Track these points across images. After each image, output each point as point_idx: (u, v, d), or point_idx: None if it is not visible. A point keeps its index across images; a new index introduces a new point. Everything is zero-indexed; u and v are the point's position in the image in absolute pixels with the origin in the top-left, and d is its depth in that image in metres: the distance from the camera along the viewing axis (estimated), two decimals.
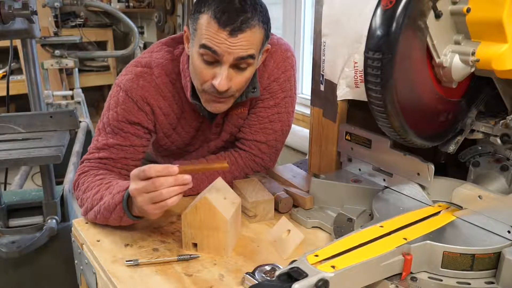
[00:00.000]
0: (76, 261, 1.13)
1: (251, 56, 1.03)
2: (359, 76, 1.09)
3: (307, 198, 1.11)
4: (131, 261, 0.91)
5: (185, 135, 1.24)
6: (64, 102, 3.20)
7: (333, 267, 0.72)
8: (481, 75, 0.86)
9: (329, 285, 0.70)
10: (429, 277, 0.80)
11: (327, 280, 0.69)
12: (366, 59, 0.81)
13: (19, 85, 3.16)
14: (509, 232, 0.82)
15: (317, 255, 0.75)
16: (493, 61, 0.78)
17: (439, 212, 0.93)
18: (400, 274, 0.79)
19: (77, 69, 3.28)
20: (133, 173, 0.91)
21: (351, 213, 1.03)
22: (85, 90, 3.31)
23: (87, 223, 1.08)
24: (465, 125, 0.96)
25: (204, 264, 0.93)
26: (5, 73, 3.60)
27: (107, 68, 4.22)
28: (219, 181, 1.01)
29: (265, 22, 1.04)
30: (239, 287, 0.86)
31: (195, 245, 0.96)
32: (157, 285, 0.86)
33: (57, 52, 3.15)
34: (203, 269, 0.91)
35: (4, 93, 2.10)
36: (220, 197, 0.96)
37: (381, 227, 0.85)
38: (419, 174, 0.98)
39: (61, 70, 3.61)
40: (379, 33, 0.78)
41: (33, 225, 1.60)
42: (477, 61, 0.81)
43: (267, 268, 0.88)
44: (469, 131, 0.96)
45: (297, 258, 0.75)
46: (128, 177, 1.16)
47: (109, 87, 3.80)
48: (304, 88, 2.64)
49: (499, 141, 0.91)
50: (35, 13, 1.54)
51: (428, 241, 0.80)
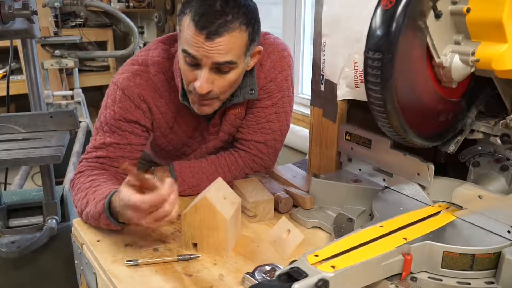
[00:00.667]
0: (76, 261, 1.13)
1: (229, 62, 1.02)
2: (359, 76, 1.09)
3: (307, 198, 1.11)
4: (131, 261, 0.91)
5: (182, 134, 1.24)
6: (64, 102, 3.19)
7: (333, 267, 0.72)
8: (481, 75, 0.86)
9: (329, 285, 0.70)
10: (429, 277, 0.80)
11: (327, 280, 0.69)
12: (366, 59, 0.81)
13: (19, 85, 3.16)
14: (509, 232, 0.82)
15: (317, 255, 0.75)
16: (493, 61, 0.78)
17: (439, 212, 0.93)
18: (400, 274, 0.79)
19: (77, 69, 3.28)
20: (124, 203, 0.88)
21: (351, 213, 1.03)
22: (85, 90, 3.31)
23: (86, 223, 1.08)
24: (465, 125, 0.96)
25: (204, 264, 0.93)
26: (5, 73, 3.60)
27: (107, 68, 4.21)
28: (219, 181, 1.01)
29: (250, 24, 1.02)
30: (239, 287, 0.86)
31: (195, 245, 0.96)
32: (157, 285, 0.86)
33: (57, 52, 3.15)
34: (203, 269, 0.91)
35: (4, 93, 2.11)
36: (220, 197, 0.96)
37: (381, 227, 0.85)
38: (419, 174, 0.98)
39: (61, 70, 3.61)
40: (379, 33, 0.78)
41: (33, 225, 1.60)
42: (477, 61, 0.80)
43: (267, 268, 0.88)
44: (469, 131, 0.96)
45: (297, 258, 0.75)
46: (125, 177, 1.16)
47: None
48: (304, 88, 2.64)
49: (499, 141, 0.91)
50: (35, 13, 1.54)
51: (428, 241, 0.80)
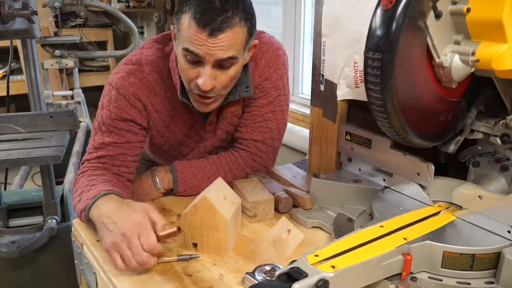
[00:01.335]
0: (76, 261, 1.13)
1: (232, 57, 1.03)
2: (359, 76, 1.09)
3: (307, 198, 1.11)
4: None
5: (179, 133, 1.24)
6: (64, 102, 3.19)
7: (333, 267, 0.72)
8: (481, 75, 0.86)
9: (329, 285, 0.70)
10: (429, 277, 0.80)
11: (327, 280, 0.69)
12: (366, 59, 0.81)
13: (19, 85, 3.15)
14: (509, 232, 0.82)
15: (317, 255, 0.75)
16: (493, 61, 0.78)
17: (439, 212, 0.93)
18: (400, 274, 0.79)
19: (77, 69, 3.28)
20: (138, 221, 0.89)
21: (351, 213, 1.03)
22: (85, 90, 3.31)
23: (82, 221, 1.07)
24: (465, 125, 0.96)
25: (204, 264, 0.93)
26: (5, 73, 3.60)
27: (107, 68, 4.21)
28: (219, 181, 1.01)
29: (248, 19, 1.03)
30: (239, 287, 0.86)
31: (195, 245, 0.96)
32: (157, 285, 0.86)
33: (57, 52, 3.15)
34: (203, 269, 0.91)
35: (4, 93, 2.10)
36: (220, 197, 0.96)
37: (381, 227, 0.85)
38: (419, 174, 0.98)
39: (61, 70, 3.61)
40: (379, 33, 0.78)
41: (33, 225, 1.60)
42: (477, 61, 0.80)
43: (267, 268, 0.88)
44: (469, 131, 0.96)
45: (297, 258, 0.75)
46: (128, 175, 1.16)
47: None
48: (304, 88, 2.64)
49: (499, 141, 0.91)
50: (35, 13, 1.54)
51: (428, 241, 0.80)
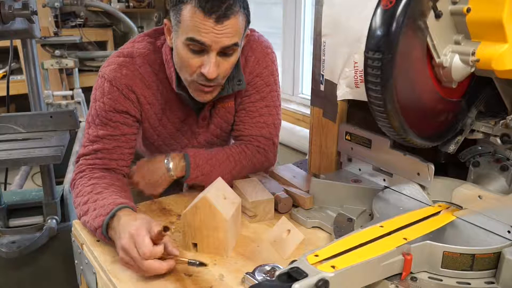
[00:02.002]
0: (76, 261, 1.13)
1: (236, 44, 1.06)
2: (359, 76, 1.09)
3: (307, 198, 1.11)
4: None
5: (171, 127, 1.24)
6: (64, 102, 3.19)
7: (333, 267, 0.72)
8: (481, 75, 0.86)
9: (329, 285, 0.70)
10: (429, 277, 0.80)
11: (327, 280, 0.69)
12: (366, 59, 0.81)
13: (19, 85, 3.15)
14: (509, 232, 0.82)
15: (317, 255, 0.75)
16: (493, 61, 0.78)
17: (439, 212, 0.93)
18: (400, 274, 0.79)
19: (77, 69, 3.28)
20: (134, 235, 0.87)
21: (351, 213, 1.03)
22: (85, 90, 3.31)
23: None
24: (465, 125, 0.96)
25: None
26: (5, 73, 3.60)
27: None
28: (219, 181, 1.01)
29: (246, 7, 1.07)
30: (239, 287, 0.86)
31: (195, 245, 0.96)
32: (157, 285, 0.86)
33: (57, 52, 3.15)
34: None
35: (4, 93, 2.10)
36: (220, 197, 0.96)
37: (381, 227, 0.85)
38: (419, 174, 0.98)
39: (61, 70, 3.61)
40: (379, 33, 0.78)
41: (33, 225, 1.60)
42: (477, 61, 0.81)
43: (267, 268, 0.87)
44: (469, 131, 0.96)
45: (297, 258, 0.75)
46: (125, 168, 1.16)
47: None
48: (304, 88, 2.64)
49: (499, 141, 0.91)
50: (35, 13, 1.54)
51: (428, 241, 0.80)
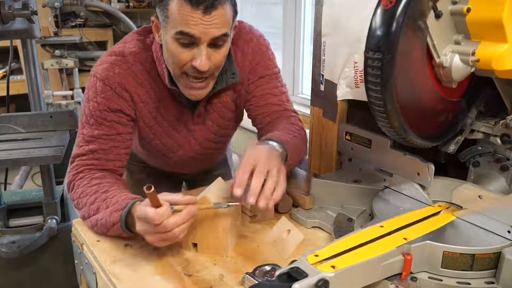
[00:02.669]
0: (76, 261, 1.13)
1: (225, 34, 1.06)
2: (359, 76, 1.09)
3: (307, 198, 1.11)
4: None
5: (166, 125, 1.23)
6: (64, 102, 3.20)
7: (333, 267, 0.72)
8: (481, 75, 0.86)
9: (329, 285, 0.70)
10: (429, 277, 0.80)
11: (327, 280, 0.69)
12: (366, 59, 0.81)
13: (19, 85, 3.16)
14: (509, 232, 0.83)
15: (317, 255, 0.75)
16: (493, 61, 0.78)
17: (439, 212, 0.93)
18: (400, 274, 0.79)
19: (77, 69, 3.28)
20: (139, 215, 0.89)
21: (351, 213, 1.03)
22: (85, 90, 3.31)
23: (91, 229, 1.07)
24: (465, 125, 0.96)
25: (204, 264, 0.93)
26: (5, 73, 3.60)
27: None
28: (219, 181, 1.01)
29: None
30: (239, 287, 0.86)
31: (195, 245, 0.96)
32: (157, 285, 0.86)
33: (57, 52, 3.15)
34: (203, 269, 0.91)
35: (4, 93, 2.11)
36: (220, 197, 0.96)
37: (381, 227, 0.85)
38: (419, 174, 0.98)
39: (61, 70, 3.61)
40: (379, 33, 0.78)
41: (33, 225, 1.60)
42: (477, 61, 0.81)
43: (267, 268, 0.87)
44: (469, 131, 0.96)
45: (297, 258, 0.75)
46: (121, 169, 1.16)
47: None
48: (304, 88, 2.64)
49: (499, 141, 0.91)
50: (35, 13, 1.54)
51: (428, 241, 0.80)
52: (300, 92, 2.63)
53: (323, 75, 1.21)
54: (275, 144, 1.03)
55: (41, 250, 1.59)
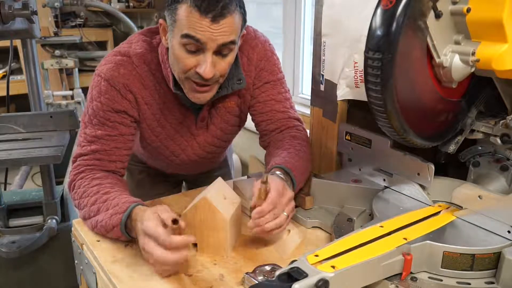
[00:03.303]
0: (76, 261, 1.13)
1: (233, 42, 1.05)
2: (359, 76, 1.09)
3: (307, 198, 1.11)
4: None
5: (169, 128, 1.23)
6: (64, 102, 3.20)
7: (333, 267, 0.72)
8: (481, 75, 0.86)
9: (329, 285, 0.70)
10: (429, 277, 0.80)
11: (327, 280, 0.69)
12: (366, 59, 0.81)
13: (19, 85, 3.15)
14: (509, 232, 0.82)
15: (317, 255, 0.75)
16: (493, 61, 0.78)
17: (439, 212, 0.93)
18: (400, 274, 0.79)
19: (77, 69, 3.28)
20: (146, 230, 0.88)
21: (351, 213, 1.03)
22: (85, 90, 3.28)
23: (92, 230, 1.07)
24: (465, 125, 0.96)
25: (204, 264, 0.93)
26: (5, 73, 3.60)
27: None
28: (219, 181, 1.01)
29: (242, 7, 1.06)
30: (239, 287, 0.86)
31: (195, 245, 0.96)
32: (157, 285, 0.86)
33: (57, 52, 3.15)
34: (203, 269, 0.91)
35: (4, 93, 2.10)
36: (220, 197, 0.96)
37: (381, 227, 0.85)
38: (419, 174, 0.98)
39: (61, 70, 3.61)
40: (379, 33, 0.78)
41: (33, 225, 1.60)
42: (477, 61, 0.81)
43: (267, 268, 0.87)
44: (469, 131, 0.96)
45: (297, 258, 0.75)
46: (122, 170, 1.16)
47: None
48: (304, 88, 2.64)
49: (499, 141, 0.91)
50: (35, 13, 1.54)
51: (428, 241, 0.80)
52: (300, 92, 2.63)
53: (323, 75, 1.21)
54: (283, 177, 1.05)
55: (41, 250, 1.59)
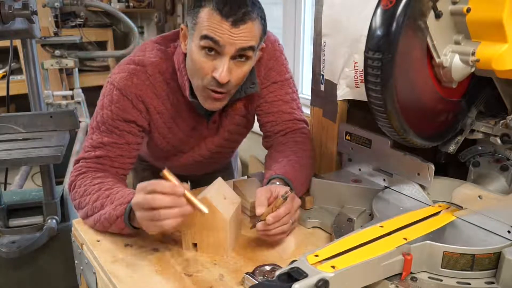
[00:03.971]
0: (76, 261, 1.13)
1: (252, 47, 1.04)
2: (359, 76, 1.09)
3: (307, 198, 1.11)
4: None
5: (181, 134, 1.24)
6: (64, 102, 3.20)
7: (333, 267, 0.72)
8: (481, 75, 0.86)
9: (329, 285, 0.70)
10: (429, 277, 0.80)
11: (327, 280, 0.69)
12: (366, 59, 0.81)
13: (19, 85, 3.15)
14: (509, 232, 0.82)
15: (317, 255, 0.75)
16: (493, 61, 0.78)
17: (439, 212, 0.93)
18: (400, 274, 0.79)
19: (77, 69, 3.28)
20: (140, 185, 0.90)
21: (351, 213, 1.03)
22: (85, 90, 3.31)
23: (92, 227, 1.07)
24: (465, 125, 0.96)
25: (204, 264, 0.93)
26: (5, 73, 3.60)
27: (107, 68, 4.21)
28: (219, 181, 1.01)
29: (263, 18, 1.06)
30: (239, 287, 0.86)
31: (195, 245, 0.96)
32: (157, 285, 0.86)
33: (57, 52, 3.15)
34: (203, 269, 0.91)
35: (4, 93, 2.10)
36: (220, 197, 0.96)
37: (381, 227, 0.85)
38: (419, 174, 0.98)
39: (61, 70, 3.61)
40: (379, 33, 0.78)
41: (33, 225, 1.60)
42: (477, 61, 0.81)
43: (267, 268, 0.87)
44: (469, 131, 0.96)
45: (297, 258, 0.75)
46: (124, 177, 1.16)
47: None
48: (304, 88, 2.64)
49: (499, 141, 0.91)
50: (35, 13, 1.54)
51: (428, 241, 0.80)
52: (300, 92, 2.63)
53: (323, 75, 1.21)
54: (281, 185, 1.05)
55: (41, 250, 1.59)
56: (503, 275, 0.77)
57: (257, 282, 0.82)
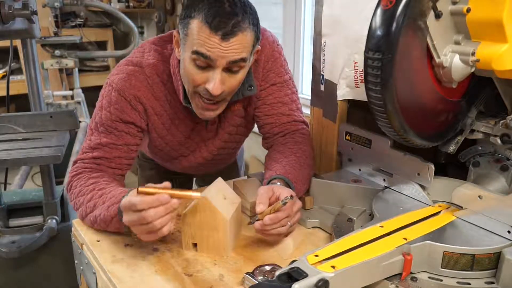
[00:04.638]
0: (76, 261, 1.13)
1: (243, 59, 1.03)
2: (359, 76, 1.09)
3: (307, 198, 1.11)
4: None
5: (180, 136, 1.24)
6: (64, 102, 3.20)
7: (333, 267, 0.72)
8: (481, 75, 0.86)
9: (329, 285, 0.70)
10: (429, 277, 0.80)
11: (327, 280, 0.69)
12: (366, 59, 0.81)
13: (19, 85, 3.16)
14: (509, 232, 0.82)
15: (317, 255, 0.75)
16: (493, 61, 0.78)
17: (439, 212, 0.93)
18: (400, 274, 0.79)
19: (77, 69, 3.28)
20: (124, 205, 0.90)
21: (351, 213, 1.03)
22: (85, 90, 3.31)
23: (91, 227, 1.07)
24: (465, 125, 0.96)
25: (204, 264, 0.93)
26: (5, 73, 3.60)
27: (107, 68, 4.21)
28: (219, 181, 1.01)
29: (255, 24, 1.04)
30: (239, 287, 0.86)
31: (195, 245, 0.96)
32: (157, 285, 0.86)
33: (57, 52, 3.15)
34: (203, 269, 0.91)
35: (4, 93, 2.10)
36: (220, 197, 0.96)
37: (381, 227, 0.85)
38: (419, 174, 0.98)
39: (61, 70, 3.61)
40: (379, 33, 0.78)
41: (33, 225, 1.60)
42: (477, 61, 0.81)
43: (267, 268, 0.87)
44: (469, 131, 0.96)
45: (297, 258, 0.75)
46: (122, 177, 1.16)
47: None
48: (304, 88, 2.64)
49: (499, 141, 0.91)
50: (35, 13, 1.54)
51: (428, 241, 0.80)
52: (300, 92, 2.63)
53: (323, 75, 1.21)
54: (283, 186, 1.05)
55: (41, 250, 1.59)
56: (503, 275, 0.77)
57: (257, 282, 0.82)
